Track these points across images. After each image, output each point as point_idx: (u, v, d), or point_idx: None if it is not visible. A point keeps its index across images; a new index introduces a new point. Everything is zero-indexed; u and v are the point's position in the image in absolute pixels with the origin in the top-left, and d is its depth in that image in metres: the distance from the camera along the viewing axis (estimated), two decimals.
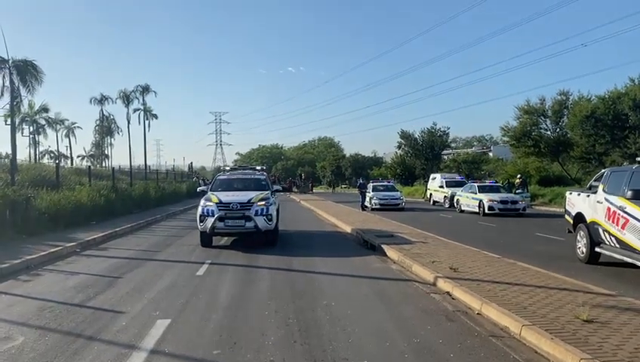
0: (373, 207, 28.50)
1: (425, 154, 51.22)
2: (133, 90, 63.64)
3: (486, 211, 23.29)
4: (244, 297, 7.64)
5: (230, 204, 12.51)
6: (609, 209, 9.46)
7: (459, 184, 30.40)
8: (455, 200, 27.69)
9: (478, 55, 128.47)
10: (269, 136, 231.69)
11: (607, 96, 28.92)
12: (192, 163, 71.14)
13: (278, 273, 9.55)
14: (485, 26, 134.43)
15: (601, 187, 10.11)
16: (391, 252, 11.38)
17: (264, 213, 12.58)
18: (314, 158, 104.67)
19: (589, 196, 10.58)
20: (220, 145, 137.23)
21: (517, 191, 26.32)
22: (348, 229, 16.90)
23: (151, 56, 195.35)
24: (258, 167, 16.12)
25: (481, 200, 23.96)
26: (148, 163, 62.40)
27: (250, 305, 7.13)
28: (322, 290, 8.02)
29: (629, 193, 8.58)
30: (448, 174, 36.20)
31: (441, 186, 32.29)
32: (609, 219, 9.46)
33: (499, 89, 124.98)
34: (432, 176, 36.33)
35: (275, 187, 15.05)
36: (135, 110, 64.81)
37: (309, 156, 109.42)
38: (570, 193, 12.06)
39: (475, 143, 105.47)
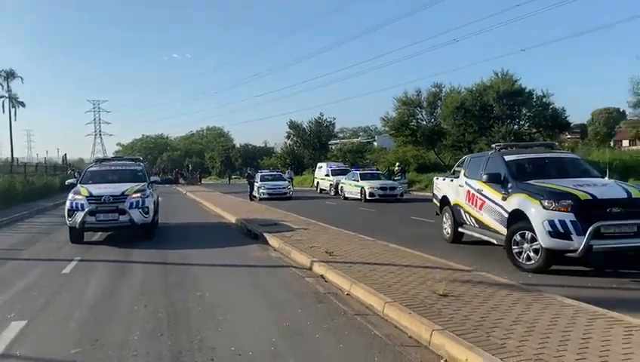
0: (262, 196, 28.49)
1: (313, 144, 52.11)
2: None
3: (367, 197, 24.27)
4: (112, 293, 7.28)
5: (102, 196, 11.83)
6: (469, 192, 10.27)
7: (344, 172, 31.33)
8: (339, 187, 28.53)
9: (363, 48, 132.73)
10: (154, 125, 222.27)
11: (474, 88, 31.37)
12: (66, 155, 65.98)
13: (152, 267, 9.23)
14: (367, 20, 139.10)
15: (462, 172, 10.94)
16: (272, 240, 11.46)
17: (140, 206, 12.04)
18: (202, 149, 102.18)
19: (452, 180, 11.39)
20: (100, 135, 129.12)
21: (396, 178, 27.74)
22: (232, 219, 16.74)
23: (17, 39, 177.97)
24: (135, 158, 15.36)
25: (362, 188, 24.92)
26: (18, 155, 56.88)
27: (118, 301, 6.82)
28: (197, 282, 7.88)
29: (485, 176, 9.37)
30: (334, 163, 37.18)
31: (327, 175, 33.09)
32: (469, 201, 10.27)
33: (382, 81, 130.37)
34: (318, 165, 37.09)
35: (153, 178, 14.47)
36: None
37: (197, 146, 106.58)
38: (437, 178, 12.92)
39: (361, 133, 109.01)
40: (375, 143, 73.13)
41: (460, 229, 10.87)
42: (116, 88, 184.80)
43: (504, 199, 8.83)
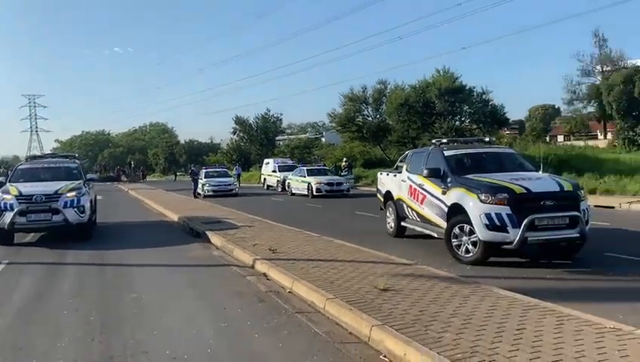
0: (206, 193, 27.95)
1: (260, 139, 51.66)
2: None
3: (314, 193, 24.28)
4: (42, 298, 6.90)
5: (33, 195, 11.21)
6: (411, 187, 10.39)
7: (291, 168, 31.19)
8: (286, 184, 28.40)
9: (309, 44, 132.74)
10: (95, 121, 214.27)
11: (417, 85, 31.99)
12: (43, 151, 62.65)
13: (87, 269, 8.83)
14: (314, 17, 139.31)
15: (404, 167, 11.06)
16: (215, 238, 11.22)
17: (75, 205, 11.50)
18: (145, 145, 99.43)
19: (395, 176, 11.51)
20: (36, 131, 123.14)
21: (342, 174, 27.87)
22: (175, 218, 16.32)
23: None
24: (70, 155, 14.66)
25: (309, 183, 24.90)
26: None
27: (48, 306, 6.46)
28: (133, 283, 7.58)
29: (425, 171, 9.50)
30: (281, 159, 37.03)
31: (274, 171, 32.87)
32: (411, 196, 10.39)
33: (329, 77, 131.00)
34: (265, 161, 36.82)
35: (90, 176, 13.86)
36: None
37: (139, 143, 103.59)
38: (381, 173, 13.03)
39: (309, 129, 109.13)
40: (323, 139, 73.41)
41: (402, 223, 11.00)
42: (55, 83, 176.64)
43: (444, 193, 8.97)
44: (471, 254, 8.26)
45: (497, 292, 6.10)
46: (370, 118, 36.81)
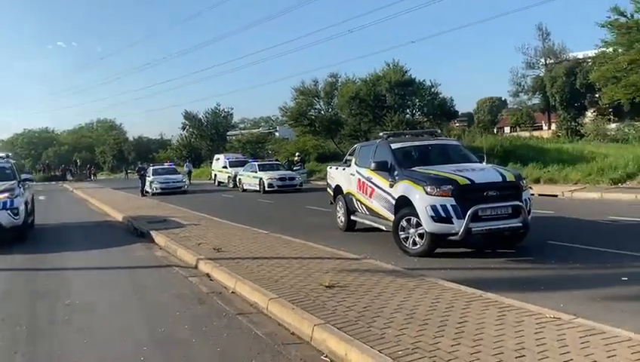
0: (155, 191, 27.18)
1: (210, 135, 50.74)
2: None
3: (266, 189, 24.00)
4: None
5: None
6: (359, 180, 10.32)
7: (242, 164, 30.71)
8: (238, 179, 27.96)
9: (260, 36, 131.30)
10: (39, 119, 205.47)
11: (368, 79, 32.09)
12: None
13: (19, 275, 8.32)
14: (264, 8, 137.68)
15: (353, 160, 10.98)
16: (159, 238, 10.84)
17: (8, 207, 10.82)
18: (93, 143, 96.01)
19: (344, 169, 11.42)
20: None
21: (295, 169, 27.68)
22: (119, 217, 15.74)
23: None
24: (2, 154, 13.83)
25: (261, 179, 24.60)
26: None
27: None
28: (68, 288, 7.17)
29: (373, 165, 9.43)
30: (232, 154, 36.44)
31: (225, 167, 32.33)
32: (360, 190, 10.32)
33: (282, 70, 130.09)
34: (215, 156, 36.18)
35: (24, 176, 13.11)
36: None
37: (86, 140, 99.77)
38: (330, 167, 12.93)
39: (262, 124, 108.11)
40: (277, 133, 72.92)
41: (352, 217, 10.93)
42: None
43: (391, 186, 8.93)
44: (418, 246, 8.26)
45: (442, 284, 6.08)
46: (322, 112, 36.72)
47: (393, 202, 8.80)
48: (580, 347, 3.98)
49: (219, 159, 34.50)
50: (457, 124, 60.72)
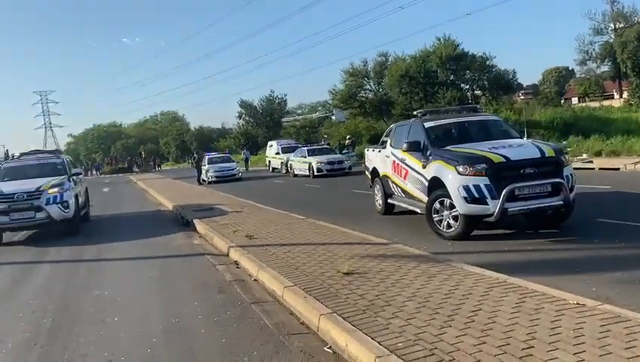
0: (210, 180, 27.82)
1: (265, 122, 51.24)
2: None
3: (315, 173, 23.98)
4: (3, 300, 6.74)
5: (14, 194, 11.07)
6: (394, 162, 10.01)
7: (294, 149, 30.80)
8: (289, 165, 28.11)
9: (315, 20, 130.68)
10: (107, 113, 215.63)
11: (418, 55, 31.15)
12: (7, 150, 62.83)
13: (61, 266, 8.70)
14: None
15: (388, 141, 10.67)
16: (200, 226, 11.02)
17: (58, 201, 11.35)
18: (157, 134, 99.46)
19: (380, 151, 11.12)
20: (50, 127, 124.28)
21: (344, 152, 27.45)
22: (170, 207, 16.18)
23: None
24: (54, 150, 14.50)
25: (310, 163, 24.59)
26: None
27: (6, 308, 6.31)
28: (102, 279, 7.41)
29: (405, 145, 9.11)
30: (284, 140, 36.62)
31: (278, 153, 32.54)
32: (395, 172, 10.02)
33: (337, 53, 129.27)
34: (269, 143, 36.47)
35: (75, 170, 13.66)
36: None
37: (151, 132, 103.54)
38: (367, 149, 12.65)
39: (319, 108, 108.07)
40: (333, 117, 72.71)
41: (389, 201, 10.64)
42: (65, 78, 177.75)
43: (424, 167, 8.59)
44: (452, 229, 7.91)
45: (467, 269, 5.77)
46: (372, 93, 36.08)
47: (426, 184, 8.47)
48: (598, 337, 3.63)
49: (272, 146, 34.76)
50: (521, 97, 58.21)
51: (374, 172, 11.48)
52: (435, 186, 8.21)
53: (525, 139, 8.92)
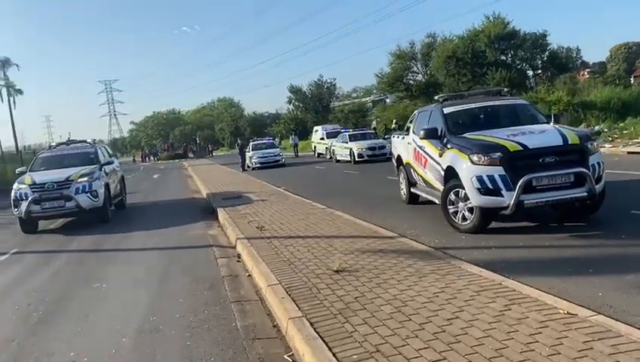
0: (254, 166, 27.99)
1: (314, 107, 51.03)
2: None
3: (356, 159, 23.57)
4: (8, 291, 6.90)
5: (45, 184, 11.41)
6: (415, 149, 9.53)
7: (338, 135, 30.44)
8: (331, 150, 27.82)
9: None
10: (167, 100, 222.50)
11: (465, 35, 29.81)
12: (69, 136, 65.61)
13: (76, 256, 8.85)
14: None
15: (411, 128, 10.18)
16: (221, 215, 10.97)
17: (87, 190, 11.60)
18: (213, 121, 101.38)
19: (403, 138, 10.63)
20: (115, 115, 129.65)
21: (386, 137, 26.77)
22: (204, 194, 16.33)
23: (19, 24, 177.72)
24: (89, 140, 14.87)
25: (351, 149, 24.19)
26: (37, 141, 56.29)
27: (6, 300, 6.45)
28: (107, 271, 7.47)
29: (422, 132, 8.62)
30: (329, 125, 36.29)
31: (322, 138, 32.31)
32: (416, 160, 9.55)
33: (389, 34, 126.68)
34: (315, 128, 36.28)
35: (107, 160, 13.91)
36: None
37: (208, 119, 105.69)
38: (394, 136, 12.16)
39: (374, 91, 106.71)
40: (387, 100, 71.50)
41: (412, 190, 10.18)
42: (128, 67, 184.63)
43: (440, 155, 8.10)
44: (468, 222, 7.40)
45: (465, 268, 5.34)
46: (419, 75, 35.03)
47: (442, 173, 7.99)
48: (574, 357, 3.18)
49: (317, 131, 34.56)
50: (586, 76, 54.93)
51: (399, 159, 11.02)
52: (451, 176, 7.71)
53: (552, 124, 8.18)
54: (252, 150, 29.34)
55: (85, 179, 11.71)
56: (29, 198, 11.25)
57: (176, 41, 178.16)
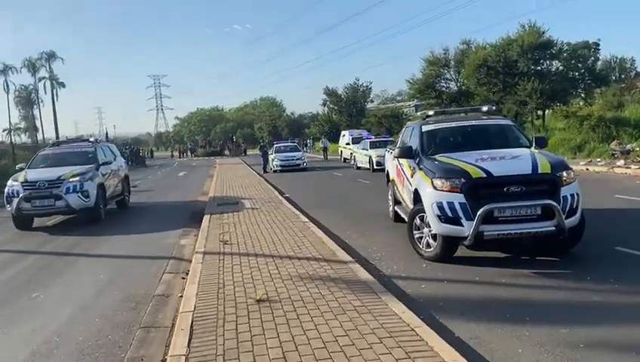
0: (275, 168, 27.84)
1: (349, 110, 50.61)
2: (38, 58, 59.39)
3: (375, 167, 23.04)
4: None
5: (36, 182, 11.52)
6: (397, 166, 9.09)
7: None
8: (353, 156, 27.39)
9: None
10: (212, 97, 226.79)
11: (498, 43, 28.70)
12: (107, 132, 67.22)
13: (42, 259, 8.80)
14: None
15: (398, 142, 9.71)
16: (205, 223, 10.78)
17: (78, 190, 11.64)
18: (254, 119, 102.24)
19: (390, 153, 10.17)
20: (162, 110, 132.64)
21: None
22: (208, 197, 16.24)
23: (76, 18, 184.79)
24: (92, 139, 15.00)
25: (370, 156, 23.69)
26: (89, 132, 58.28)
27: None
28: (56, 278, 7.41)
29: (396, 151, 8.18)
30: (356, 130, 35.75)
31: (348, 143, 31.86)
32: (398, 177, 9.11)
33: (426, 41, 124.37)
34: (342, 133, 35.88)
35: (106, 159, 13.91)
36: (40, 79, 60.41)
37: (249, 117, 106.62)
38: (387, 150, 11.68)
39: (418, 95, 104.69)
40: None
41: (395, 208, 9.68)
42: (177, 63, 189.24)
43: (412, 176, 7.65)
44: (431, 249, 6.93)
45: (390, 307, 4.92)
46: (452, 82, 33.98)
47: (411, 195, 7.53)
48: None
49: (344, 135, 34.15)
50: None
51: (388, 175, 10.56)
52: (417, 199, 7.25)
53: (532, 148, 7.52)
54: (275, 152, 29.21)
55: (77, 178, 11.74)
56: (20, 195, 11.37)
57: (226, 38, 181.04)
